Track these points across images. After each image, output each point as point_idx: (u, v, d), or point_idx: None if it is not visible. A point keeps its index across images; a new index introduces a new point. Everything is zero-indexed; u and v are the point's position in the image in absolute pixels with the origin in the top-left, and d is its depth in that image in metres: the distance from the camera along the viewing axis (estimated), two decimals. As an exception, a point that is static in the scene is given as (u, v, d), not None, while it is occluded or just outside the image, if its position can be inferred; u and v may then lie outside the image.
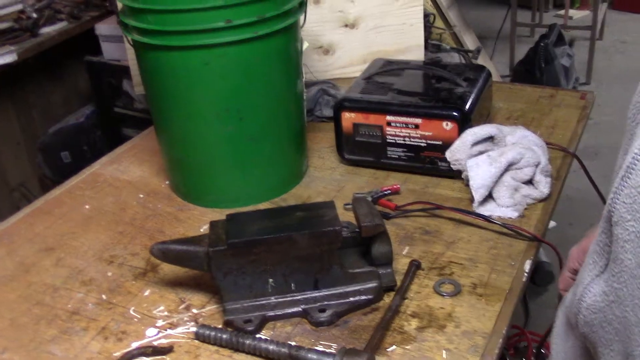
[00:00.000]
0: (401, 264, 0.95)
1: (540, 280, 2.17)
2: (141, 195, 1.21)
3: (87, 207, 1.18)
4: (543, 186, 1.07)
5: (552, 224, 2.24)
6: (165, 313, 0.91)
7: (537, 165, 1.07)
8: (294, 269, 0.87)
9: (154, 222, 1.12)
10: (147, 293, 0.95)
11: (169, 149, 1.17)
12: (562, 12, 4.46)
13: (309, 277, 0.88)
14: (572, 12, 4.57)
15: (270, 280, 0.87)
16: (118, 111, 2.65)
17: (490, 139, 1.10)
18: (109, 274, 1.00)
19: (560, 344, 0.64)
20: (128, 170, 1.29)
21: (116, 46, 2.38)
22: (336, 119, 1.20)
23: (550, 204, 1.07)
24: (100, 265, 1.02)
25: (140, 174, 1.28)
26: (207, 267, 0.87)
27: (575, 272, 0.70)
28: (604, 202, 0.53)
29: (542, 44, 3.30)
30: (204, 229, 1.07)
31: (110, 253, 1.05)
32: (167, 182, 1.23)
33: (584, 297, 0.55)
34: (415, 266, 0.94)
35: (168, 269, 0.98)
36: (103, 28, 2.41)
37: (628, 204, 0.48)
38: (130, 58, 1.58)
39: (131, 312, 0.92)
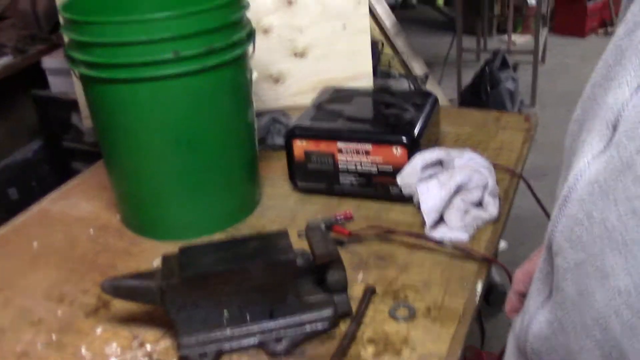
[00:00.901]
0: (356, 290, 0.95)
1: (495, 300, 2.20)
2: (92, 231, 1.18)
3: (35, 244, 1.15)
4: (492, 207, 1.10)
5: (503, 244, 2.28)
6: (119, 351, 0.89)
7: (485, 187, 1.10)
8: (249, 299, 0.86)
9: (105, 258, 1.10)
10: (99, 331, 0.93)
11: (119, 181, 1.16)
12: (505, 37, 4.61)
13: (265, 307, 0.87)
14: (515, 37, 4.72)
15: (225, 312, 0.86)
16: (67, 145, 2.60)
17: (439, 162, 1.13)
18: (59, 312, 0.97)
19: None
20: (78, 205, 1.27)
21: (64, 79, 2.35)
22: (288, 147, 1.20)
23: (499, 225, 1.10)
24: (49, 304, 0.99)
25: (90, 208, 1.26)
26: (160, 301, 0.85)
27: (520, 294, 0.72)
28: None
29: (487, 69, 3.39)
30: (157, 262, 1.06)
31: (60, 291, 1.02)
32: (118, 216, 1.21)
33: (531, 325, 0.56)
34: (370, 292, 0.94)
35: (120, 305, 0.96)
36: (50, 61, 2.37)
37: (566, 233, 0.48)
38: (78, 91, 1.56)
39: (83, 351, 0.89)
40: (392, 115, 1.21)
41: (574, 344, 0.49)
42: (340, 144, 1.16)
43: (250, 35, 1.12)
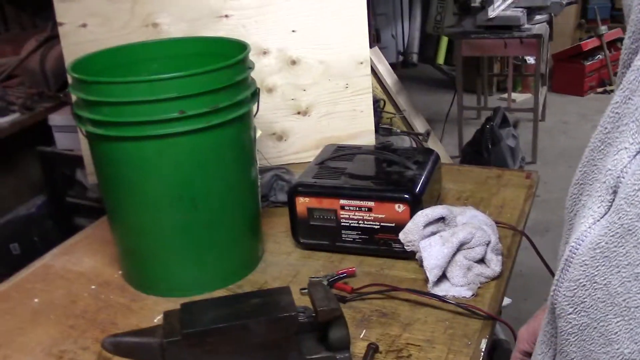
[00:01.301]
0: (359, 348, 0.94)
1: (499, 358, 2.16)
2: (93, 287, 1.18)
3: (36, 300, 1.15)
4: (495, 264, 1.10)
5: (507, 300, 2.26)
6: (118, 410, 0.87)
7: (487, 244, 1.10)
8: (251, 357, 0.86)
9: (106, 314, 1.10)
10: (98, 389, 0.92)
11: (122, 238, 1.16)
12: (505, 95, 4.68)
13: (266, 365, 0.86)
14: (514, 95, 4.80)
15: (227, 370, 0.85)
16: (71, 201, 2.61)
17: (441, 219, 1.13)
18: (58, 370, 0.96)
19: None
20: (80, 261, 1.27)
21: (69, 136, 2.37)
22: (290, 204, 1.21)
23: (502, 282, 1.09)
24: (49, 361, 0.98)
25: (92, 264, 1.26)
26: (161, 359, 0.84)
27: (525, 353, 0.71)
28: (554, 276, 0.54)
29: (487, 126, 3.43)
30: (158, 319, 1.05)
31: (59, 348, 1.01)
32: (120, 272, 1.21)
33: None
34: (372, 349, 0.93)
35: (120, 363, 0.95)
36: (57, 119, 2.41)
37: (569, 297, 0.48)
38: (83, 148, 1.58)
39: (81, 410, 0.88)
40: (394, 173, 1.22)
41: None
42: (343, 201, 1.17)
43: (255, 95, 1.14)
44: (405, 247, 1.12)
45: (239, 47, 1.14)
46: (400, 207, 1.13)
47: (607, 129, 0.48)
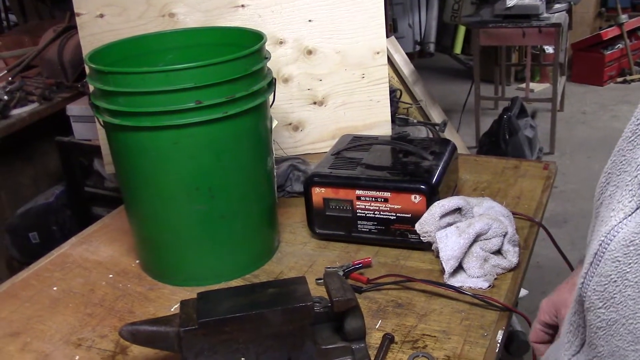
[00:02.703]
0: (374, 338, 0.94)
1: (516, 350, 2.15)
2: (111, 276, 1.19)
3: (55, 289, 1.16)
4: (511, 256, 1.09)
5: (523, 292, 2.25)
6: (135, 397, 0.88)
7: (504, 236, 1.09)
8: (267, 346, 0.86)
9: (124, 303, 1.10)
10: (116, 377, 0.93)
11: (139, 227, 1.17)
12: (523, 85, 4.63)
13: (282, 354, 0.87)
14: (533, 85, 4.75)
15: (243, 359, 0.86)
16: (88, 190, 2.63)
17: (457, 210, 1.12)
18: (77, 358, 0.97)
19: None
20: (98, 250, 1.28)
21: (87, 126, 2.39)
22: (306, 194, 1.21)
23: (519, 273, 1.09)
24: (67, 349, 1.00)
25: (110, 253, 1.27)
26: (177, 347, 0.85)
27: (545, 324, 0.70)
28: (572, 268, 0.53)
29: (505, 117, 3.40)
30: (175, 308, 1.06)
31: (78, 336, 1.02)
32: (137, 262, 1.22)
33: None
34: (388, 340, 0.93)
35: (138, 351, 0.96)
36: (74, 109, 2.43)
37: (599, 291, 0.48)
38: (101, 138, 1.59)
39: (99, 397, 0.89)
40: (410, 163, 1.22)
41: None
42: (359, 192, 1.17)
43: (271, 85, 1.14)
44: (421, 238, 1.12)
45: (255, 37, 1.14)
46: (416, 198, 1.13)
47: (639, 119, 0.48)
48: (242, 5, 1.55)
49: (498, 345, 0.92)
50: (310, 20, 1.56)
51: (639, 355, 0.45)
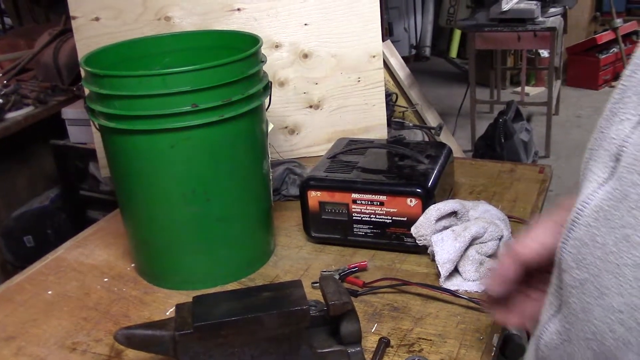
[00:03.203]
0: (370, 342, 0.94)
1: (511, 353, 2.15)
2: (106, 279, 1.19)
3: (49, 292, 1.16)
4: (507, 259, 1.09)
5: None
6: (130, 401, 0.88)
7: (500, 239, 1.09)
8: (263, 350, 0.86)
9: (119, 307, 1.10)
10: (111, 381, 0.92)
11: (135, 231, 1.17)
12: (518, 89, 4.65)
13: (278, 358, 0.87)
14: (528, 89, 4.77)
15: (238, 363, 0.86)
16: (84, 194, 2.63)
17: (453, 214, 1.13)
18: (72, 362, 0.97)
19: None
20: (93, 254, 1.28)
21: (82, 129, 2.39)
22: (302, 198, 1.21)
23: (515, 277, 1.08)
24: (62, 353, 0.99)
25: (105, 257, 1.26)
26: (173, 352, 0.85)
27: (520, 262, 0.71)
28: None
29: (500, 120, 3.41)
30: (170, 312, 1.06)
31: (72, 340, 1.02)
32: (132, 265, 1.22)
33: (542, 335, 0.59)
34: (384, 343, 0.93)
35: (133, 355, 0.95)
36: (70, 112, 2.42)
37: (573, 254, 0.52)
38: (96, 141, 1.59)
39: (94, 401, 0.88)
40: (406, 167, 1.22)
41: (578, 354, 0.53)
42: (355, 195, 1.17)
43: (267, 88, 1.14)
44: (417, 242, 1.12)
45: (252, 41, 1.14)
46: (412, 201, 1.13)
47: (615, 99, 0.52)
48: (238, 9, 1.55)
49: (494, 348, 0.92)
50: (306, 24, 1.56)
51: (602, 310, 0.49)
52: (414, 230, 1.12)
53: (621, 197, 0.48)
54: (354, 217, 1.18)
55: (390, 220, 1.16)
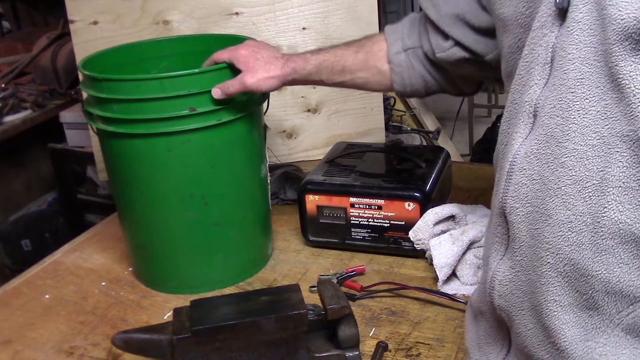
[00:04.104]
0: (368, 346, 0.94)
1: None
2: (103, 283, 1.18)
3: (47, 296, 1.15)
4: (505, 263, 1.09)
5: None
6: (127, 406, 0.88)
7: (498, 243, 1.09)
8: (260, 354, 0.86)
9: (117, 311, 1.10)
10: (108, 385, 0.92)
11: (133, 235, 1.17)
12: (516, 93, 4.65)
13: (276, 362, 0.86)
14: (526, 93, 4.76)
15: (236, 367, 0.85)
16: (81, 197, 2.62)
17: (451, 218, 1.13)
18: (69, 366, 0.97)
19: (473, 330, 0.77)
20: (91, 258, 1.28)
21: (80, 133, 2.38)
22: (300, 202, 1.21)
23: (513, 281, 1.09)
24: (59, 357, 0.99)
25: (103, 261, 1.26)
26: (170, 356, 0.85)
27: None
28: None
29: (498, 124, 3.40)
30: (168, 316, 1.05)
31: (70, 344, 1.02)
32: (130, 269, 1.22)
33: (496, 276, 0.68)
34: (382, 348, 0.93)
35: (130, 359, 0.95)
36: (68, 116, 2.42)
37: (516, 196, 0.64)
38: (94, 145, 1.59)
39: (91, 406, 0.88)
40: (404, 171, 1.22)
41: (533, 274, 0.63)
42: (353, 199, 1.17)
43: (265, 92, 1.14)
44: (415, 246, 1.12)
45: (249, 45, 1.14)
46: (410, 205, 1.13)
47: (521, 75, 0.67)
48: (237, 13, 1.55)
49: (492, 353, 0.92)
50: (304, 28, 1.56)
51: (551, 227, 0.60)
52: (411, 234, 1.12)
53: (547, 138, 0.61)
54: (351, 221, 1.18)
55: (388, 224, 1.16)
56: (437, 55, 1.04)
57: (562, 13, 0.61)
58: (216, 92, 1.02)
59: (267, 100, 1.15)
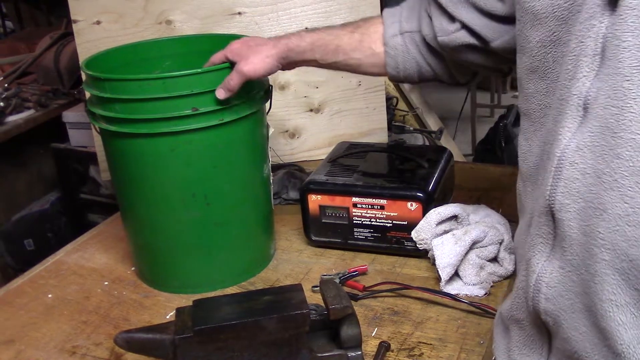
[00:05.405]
0: (370, 346, 0.94)
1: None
2: (106, 283, 1.19)
3: (49, 296, 1.15)
4: (508, 263, 1.09)
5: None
6: (130, 405, 0.88)
7: (500, 243, 1.09)
8: (262, 354, 0.86)
9: (119, 310, 1.10)
10: (110, 385, 0.92)
11: (135, 234, 1.17)
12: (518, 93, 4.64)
13: (278, 362, 0.86)
14: (528, 93, 4.75)
15: (238, 367, 0.85)
16: (84, 197, 2.63)
17: (454, 218, 1.12)
18: (71, 365, 0.97)
19: (503, 341, 0.76)
20: (93, 258, 1.28)
21: (83, 133, 2.39)
22: (302, 202, 1.21)
23: (515, 281, 1.08)
24: (62, 356, 0.99)
25: (105, 260, 1.26)
26: (173, 355, 0.85)
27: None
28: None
29: (501, 124, 3.40)
30: (170, 315, 1.05)
31: (72, 344, 1.02)
32: (132, 269, 1.22)
33: (542, 278, 0.65)
34: (384, 348, 0.93)
35: (133, 359, 0.95)
36: (70, 115, 2.42)
37: (566, 192, 0.62)
38: (97, 144, 1.59)
39: (94, 405, 0.88)
40: (406, 171, 1.22)
41: (586, 274, 0.60)
42: (355, 199, 1.16)
43: (267, 92, 1.14)
44: (417, 246, 1.12)
45: (252, 45, 1.14)
46: (412, 205, 1.13)
47: (569, 70, 0.65)
48: (239, 13, 1.55)
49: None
50: (306, 28, 1.56)
51: (607, 222, 0.58)
52: (414, 234, 1.12)
53: (602, 130, 0.59)
54: (354, 221, 1.18)
55: (391, 224, 1.15)
56: (439, 39, 1.00)
57: (612, 2, 0.60)
58: (220, 93, 1.02)
59: (269, 100, 1.15)
